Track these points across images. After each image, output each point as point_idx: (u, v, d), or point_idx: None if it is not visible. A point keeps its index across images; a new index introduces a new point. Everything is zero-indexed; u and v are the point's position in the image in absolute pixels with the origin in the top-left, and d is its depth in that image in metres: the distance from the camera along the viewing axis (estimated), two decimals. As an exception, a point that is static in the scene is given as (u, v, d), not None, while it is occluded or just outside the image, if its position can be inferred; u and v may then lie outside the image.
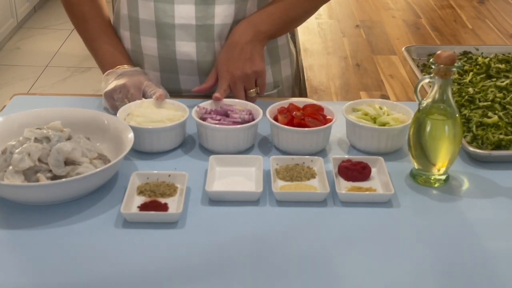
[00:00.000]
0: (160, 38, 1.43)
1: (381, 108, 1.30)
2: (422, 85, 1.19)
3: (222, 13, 1.40)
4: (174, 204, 1.10)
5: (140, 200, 1.11)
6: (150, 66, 1.46)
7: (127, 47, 1.49)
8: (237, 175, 1.18)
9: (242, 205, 1.11)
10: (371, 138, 1.24)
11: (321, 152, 1.26)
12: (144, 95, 1.35)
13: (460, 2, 2.30)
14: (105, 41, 1.47)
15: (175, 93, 1.46)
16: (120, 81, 1.36)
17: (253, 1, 1.44)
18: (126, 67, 1.42)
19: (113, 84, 1.36)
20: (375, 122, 1.27)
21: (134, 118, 1.26)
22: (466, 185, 1.19)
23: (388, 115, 1.28)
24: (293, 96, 1.64)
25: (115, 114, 1.28)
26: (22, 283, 0.95)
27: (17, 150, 1.10)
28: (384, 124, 1.25)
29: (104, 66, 1.45)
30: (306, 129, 1.23)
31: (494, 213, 1.11)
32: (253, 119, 1.27)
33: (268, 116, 1.26)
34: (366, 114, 1.29)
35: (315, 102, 1.35)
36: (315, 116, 1.26)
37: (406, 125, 1.23)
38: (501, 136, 1.27)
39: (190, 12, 1.40)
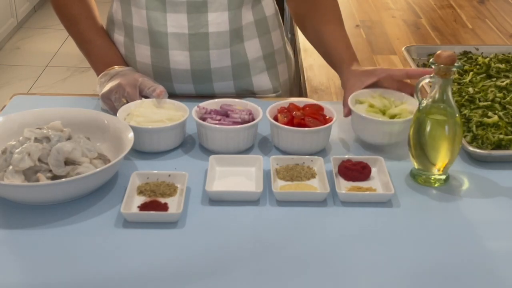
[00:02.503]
0: (153, 47, 1.42)
1: (385, 98, 1.30)
2: (422, 85, 1.19)
3: (216, 21, 1.39)
4: (174, 204, 1.10)
5: (140, 200, 1.11)
6: (143, 73, 1.45)
7: (121, 53, 1.48)
8: (237, 175, 1.18)
9: (242, 205, 1.11)
10: (382, 131, 1.24)
11: (321, 152, 1.26)
12: (141, 93, 1.35)
13: (460, 2, 2.31)
14: (98, 43, 1.47)
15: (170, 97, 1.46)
16: (115, 82, 1.36)
17: (247, 7, 1.43)
18: (119, 67, 1.41)
19: (108, 85, 1.36)
20: (384, 114, 1.27)
21: (134, 118, 1.26)
22: (466, 185, 1.19)
23: (395, 106, 1.28)
24: (293, 96, 1.63)
25: (115, 115, 1.28)
26: (22, 283, 0.95)
27: (17, 150, 1.10)
28: (394, 116, 1.25)
29: (98, 68, 1.45)
30: (306, 129, 1.23)
31: (494, 213, 1.11)
32: (253, 119, 1.27)
33: (268, 116, 1.26)
34: (372, 106, 1.29)
35: (315, 102, 1.35)
36: (315, 116, 1.26)
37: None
38: (501, 136, 1.27)
39: (182, 21, 1.39)
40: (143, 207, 1.09)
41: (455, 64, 1.10)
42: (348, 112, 1.29)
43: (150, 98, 1.33)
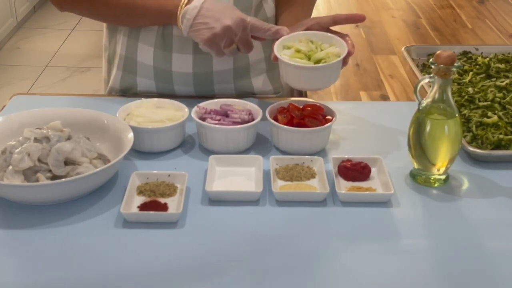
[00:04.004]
0: (157, 48, 1.41)
1: (312, 43, 1.27)
2: (422, 85, 1.19)
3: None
4: (174, 204, 1.10)
5: (140, 200, 1.11)
6: (143, 73, 1.44)
7: (120, 53, 1.46)
8: (237, 175, 1.18)
9: (242, 205, 1.11)
10: (306, 77, 1.23)
11: (321, 152, 1.26)
12: (252, 34, 1.23)
13: (460, 2, 2.31)
14: None
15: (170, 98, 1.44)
16: (216, 23, 1.24)
17: (252, 9, 1.42)
18: None
19: (206, 26, 1.24)
20: (310, 59, 1.25)
21: (134, 118, 1.26)
22: (466, 185, 1.19)
23: (321, 49, 1.26)
24: (293, 96, 1.63)
25: (221, 56, 1.24)
26: (22, 283, 0.95)
27: (17, 150, 1.10)
28: (319, 60, 1.24)
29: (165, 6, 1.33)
30: (306, 129, 1.23)
31: (494, 213, 1.11)
32: (252, 119, 1.27)
33: (268, 116, 1.26)
34: (298, 51, 1.26)
35: (315, 102, 1.35)
36: (315, 116, 1.26)
37: (341, 59, 1.22)
38: (501, 136, 1.27)
39: None
40: (143, 207, 1.09)
41: (455, 64, 1.11)
42: (275, 58, 1.27)
43: (264, 39, 1.26)
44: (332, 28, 1.33)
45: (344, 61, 1.26)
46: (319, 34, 1.29)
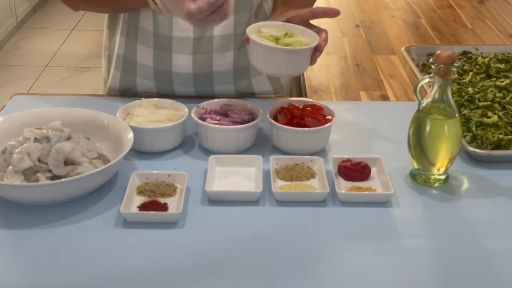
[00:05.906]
0: (156, 50, 1.41)
1: (286, 34, 1.26)
2: (422, 85, 1.19)
3: (221, 24, 1.37)
4: (174, 204, 1.10)
5: (140, 200, 1.11)
6: (143, 74, 1.45)
7: (119, 53, 1.46)
8: (236, 175, 1.18)
9: (242, 205, 1.11)
10: (275, 59, 1.22)
11: (321, 152, 1.26)
12: None
13: (459, 2, 2.30)
14: None
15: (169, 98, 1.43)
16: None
17: (253, 10, 1.42)
18: None
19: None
20: (277, 43, 1.24)
21: (133, 118, 1.26)
22: (466, 185, 1.19)
23: (291, 37, 1.25)
24: (293, 96, 1.64)
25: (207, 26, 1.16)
26: (22, 283, 0.95)
27: (17, 150, 1.10)
28: (286, 46, 1.22)
29: None
30: (306, 129, 1.23)
31: (494, 213, 1.12)
32: (252, 119, 1.27)
33: (268, 116, 1.26)
34: (271, 36, 1.25)
35: (314, 102, 1.34)
36: (315, 116, 1.26)
37: (310, 47, 1.21)
38: (501, 136, 1.27)
39: (188, 24, 1.37)
40: (143, 207, 1.09)
41: (455, 64, 1.11)
42: (247, 39, 1.25)
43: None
44: (313, 22, 1.32)
45: (313, 57, 1.24)
46: (295, 27, 1.28)
